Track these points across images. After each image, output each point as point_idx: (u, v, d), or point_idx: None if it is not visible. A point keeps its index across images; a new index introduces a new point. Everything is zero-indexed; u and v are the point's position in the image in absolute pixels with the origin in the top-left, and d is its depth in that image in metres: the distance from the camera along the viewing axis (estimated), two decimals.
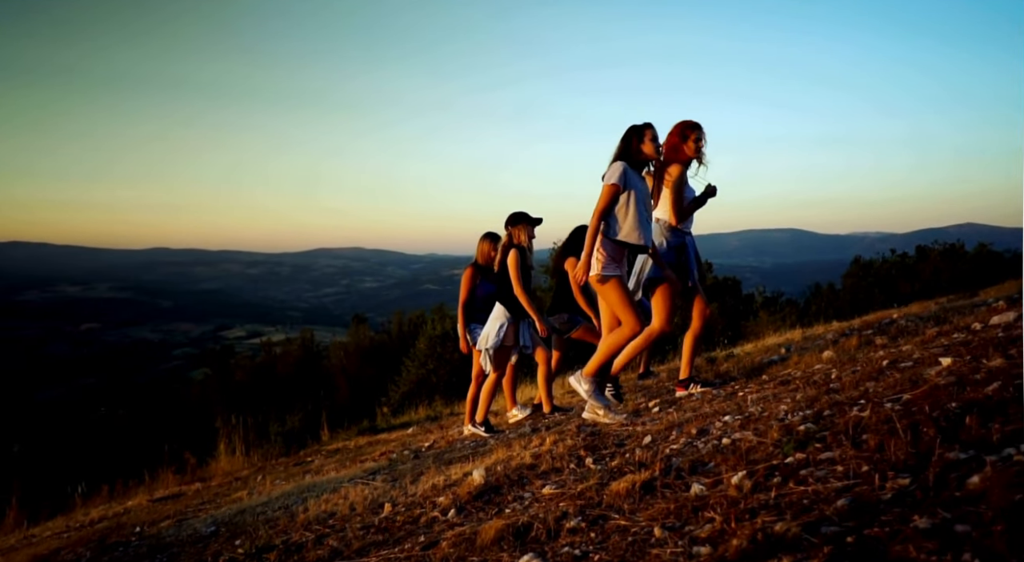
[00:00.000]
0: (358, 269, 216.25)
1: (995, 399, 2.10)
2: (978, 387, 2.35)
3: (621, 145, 4.00)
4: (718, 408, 3.39)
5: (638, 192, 3.91)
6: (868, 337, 4.77)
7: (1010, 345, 2.98)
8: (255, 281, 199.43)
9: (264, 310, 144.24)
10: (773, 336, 11.36)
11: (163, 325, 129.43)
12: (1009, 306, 4.51)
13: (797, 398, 3.09)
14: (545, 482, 2.57)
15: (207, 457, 10.12)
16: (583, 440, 3.24)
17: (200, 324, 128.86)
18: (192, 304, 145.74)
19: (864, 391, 2.84)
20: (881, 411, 2.34)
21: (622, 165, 3.90)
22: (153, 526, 3.85)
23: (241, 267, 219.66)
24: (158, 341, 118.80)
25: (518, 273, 4.93)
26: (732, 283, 31.34)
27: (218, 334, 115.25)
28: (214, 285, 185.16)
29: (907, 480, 1.64)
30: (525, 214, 5.21)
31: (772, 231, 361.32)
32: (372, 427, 11.82)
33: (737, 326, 22.99)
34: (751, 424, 2.76)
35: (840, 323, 8.05)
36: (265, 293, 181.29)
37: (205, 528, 3.28)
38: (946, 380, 2.59)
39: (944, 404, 2.22)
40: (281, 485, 4.68)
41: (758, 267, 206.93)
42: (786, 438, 2.29)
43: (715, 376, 4.75)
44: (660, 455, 2.55)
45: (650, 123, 4.04)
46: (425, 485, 3.04)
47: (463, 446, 4.64)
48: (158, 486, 8.39)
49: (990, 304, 4.80)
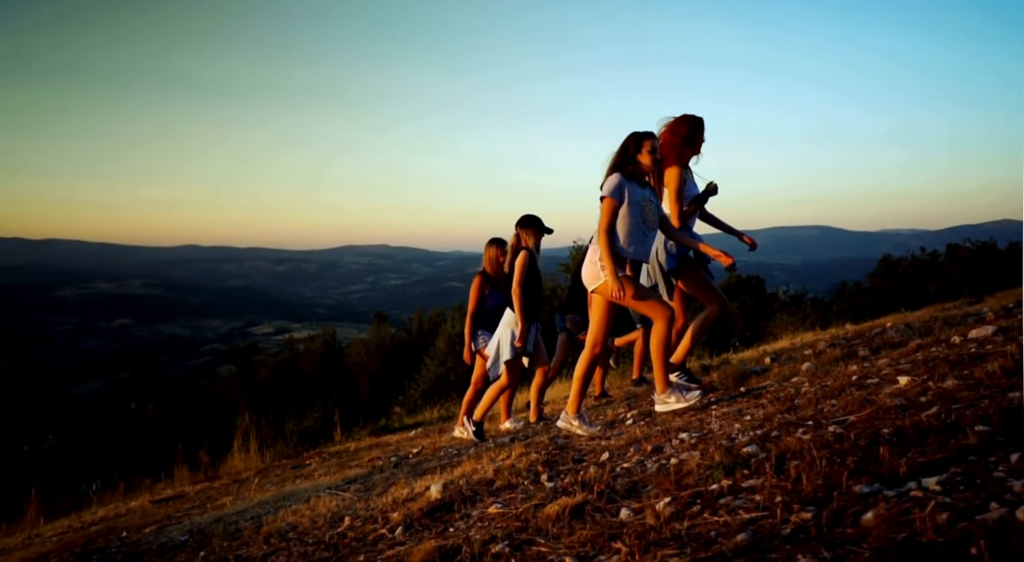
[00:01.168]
0: (384, 266, 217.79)
1: (925, 426, 2.10)
2: (918, 411, 2.35)
3: (618, 155, 3.90)
4: (684, 423, 3.41)
5: (634, 204, 3.83)
6: (853, 348, 4.73)
7: (972, 364, 2.96)
8: (283, 278, 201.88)
9: (291, 307, 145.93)
10: (785, 339, 11.28)
11: (193, 321, 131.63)
12: (996, 318, 4.45)
13: (757, 416, 3.10)
14: (496, 499, 2.62)
15: (225, 454, 10.31)
16: (546, 455, 3.28)
17: (229, 320, 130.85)
18: (221, 301, 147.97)
19: (819, 410, 2.85)
20: (820, 435, 2.35)
21: (618, 177, 3.82)
22: (138, 531, 3.97)
23: (269, 264, 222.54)
24: (188, 337, 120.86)
25: (522, 274, 4.95)
26: (755, 281, 31.02)
27: (246, 330, 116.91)
28: (243, 282, 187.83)
29: (810, 514, 1.66)
30: (538, 219, 5.21)
31: (801, 228, 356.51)
32: (385, 427, 11.95)
33: (756, 326, 22.78)
34: (703, 443, 2.78)
35: (838, 329, 7.98)
36: (292, 290, 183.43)
37: (180, 536, 3.38)
38: (894, 402, 2.59)
39: (879, 429, 2.22)
40: (270, 490, 4.78)
41: (786, 265, 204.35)
42: (727, 460, 2.31)
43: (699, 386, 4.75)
44: (607, 475, 2.59)
45: (651, 133, 3.94)
46: (387, 498, 3.10)
47: (444, 454, 4.70)
48: (172, 484, 8.59)
49: (983, 315, 4.73)
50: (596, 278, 3.80)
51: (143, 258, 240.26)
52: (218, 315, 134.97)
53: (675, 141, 4.24)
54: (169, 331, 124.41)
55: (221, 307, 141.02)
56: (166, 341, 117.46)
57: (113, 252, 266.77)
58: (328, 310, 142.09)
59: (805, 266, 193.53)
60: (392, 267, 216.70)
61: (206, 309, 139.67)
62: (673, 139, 4.24)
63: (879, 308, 18.47)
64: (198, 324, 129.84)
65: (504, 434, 5.08)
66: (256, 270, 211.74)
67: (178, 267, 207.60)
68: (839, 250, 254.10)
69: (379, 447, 7.14)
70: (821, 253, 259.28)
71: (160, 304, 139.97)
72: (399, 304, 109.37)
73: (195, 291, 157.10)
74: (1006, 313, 4.69)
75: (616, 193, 3.78)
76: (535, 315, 5.10)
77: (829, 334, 7.13)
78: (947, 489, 1.58)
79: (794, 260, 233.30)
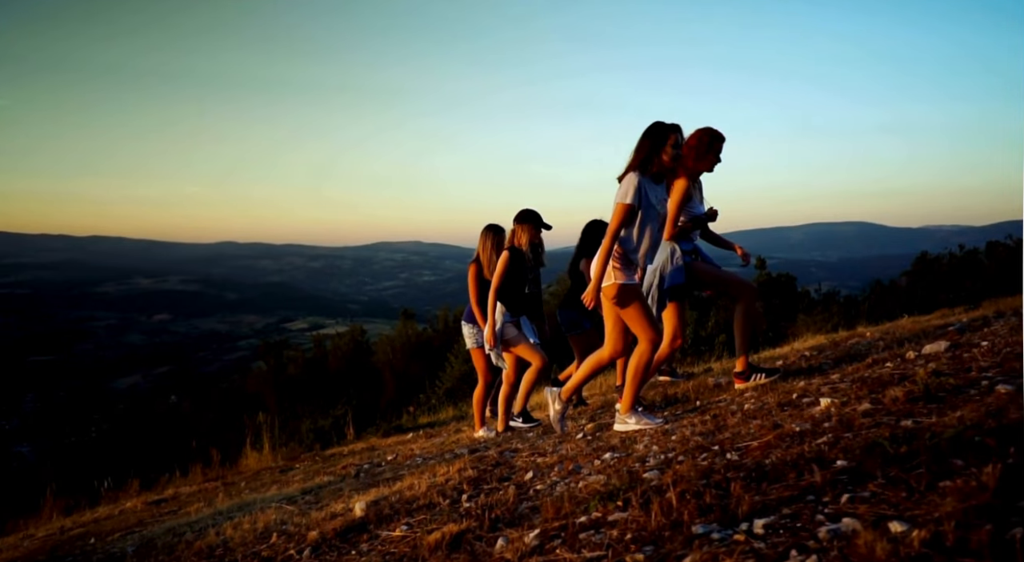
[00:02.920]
0: (417, 263, 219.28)
1: (799, 459, 2.11)
2: (810, 440, 2.36)
3: (638, 152, 3.69)
4: (619, 442, 3.43)
5: (651, 207, 3.65)
6: (820, 360, 4.69)
7: (890, 386, 2.93)
8: (317, 274, 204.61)
9: (325, 303, 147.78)
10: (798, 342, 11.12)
11: (229, 317, 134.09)
12: (958, 333, 4.36)
13: (685, 435, 3.12)
14: (408, 521, 2.68)
15: (244, 451, 10.50)
16: (480, 471, 3.34)
17: (264, 316, 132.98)
18: (257, 297, 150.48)
19: (736, 433, 2.87)
20: (712, 463, 2.37)
21: (636, 178, 3.62)
22: (105, 538, 4.14)
23: (304, 260, 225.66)
24: (225, 332, 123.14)
25: (501, 277, 4.95)
26: (785, 280, 30.53)
27: (281, 326, 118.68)
28: (278, 278, 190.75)
29: (643, 557, 1.69)
30: (537, 215, 5.14)
31: (838, 224, 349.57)
32: (398, 426, 12.08)
33: (778, 327, 22.45)
34: (617, 466, 2.81)
35: (829, 336, 7.85)
36: (327, 286, 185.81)
37: (129, 547, 3.52)
38: (799, 427, 2.60)
39: (762, 459, 2.24)
40: (235, 498, 4.91)
41: (823, 261, 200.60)
42: (616, 485, 2.34)
43: (663, 398, 4.75)
44: (514, 499, 2.64)
45: (676, 126, 3.70)
46: (322, 513, 3.19)
47: (411, 463, 4.78)
48: (187, 481, 8.76)
49: (955, 327, 4.64)
50: (606, 277, 3.66)
51: (181, 255, 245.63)
52: (254, 311, 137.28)
53: (688, 153, 4.08)
54: (207, 326, 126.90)
55: (257, 303, 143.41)
56: (203, 336, 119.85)
57: (153, 249, 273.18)
58: (362, 306, 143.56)
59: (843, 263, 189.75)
60: (425, 264, 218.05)
61: (242, 305, 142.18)
62: (686, 150, 4.08)
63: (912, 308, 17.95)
64: (234, 319, 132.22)
65: (477, 442, 5.14)
66: (291, 266, 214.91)
67: (215, 263, 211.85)
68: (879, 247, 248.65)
69: (370, 451, 7.25)
70: (860, 250, 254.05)
71: (198, 300, 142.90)
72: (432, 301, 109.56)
73: (232, 287, 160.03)
74: (969, 327, 4.60)
75: (635, 198, 3.59)
76: (520, 310, 5.13)
77: (811, 342, 7.02)
78: (768, 533, 1.61)
79: (831, 257, 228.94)
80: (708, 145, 4.07)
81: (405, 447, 6.65)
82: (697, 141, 4.07)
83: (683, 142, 3.80)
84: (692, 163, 4.09)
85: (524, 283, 5.18)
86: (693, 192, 4.17)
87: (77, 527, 5.34)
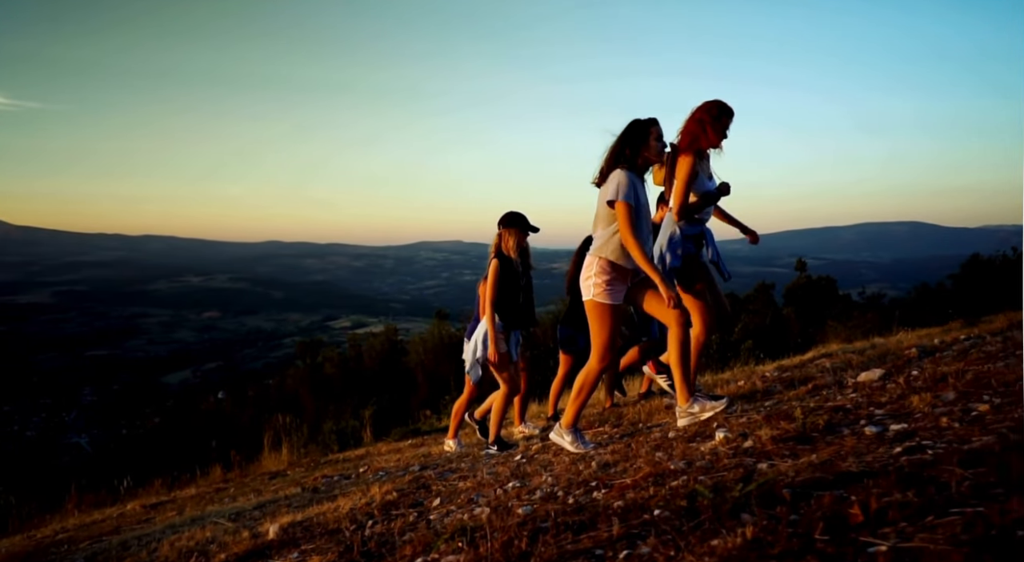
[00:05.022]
0: (458, 262, 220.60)
1: (634, 504, 2.16)
2: (669, 481, 2.41)
3: (618, 145, 3.57)
4: (536, 468, 3.50)
5: (643, 205, 3.56)
6: (772, 382, 4.66)
7: (779, 420, 2.93)
8: (360, 273, 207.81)
9: (368, 301, 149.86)
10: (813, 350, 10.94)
11: (275, 314, 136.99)
12: (887, 371, 4.23)
13: (590, 464, 3.17)
14: (306, 547, 2.82)
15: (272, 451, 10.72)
16: (398, 495, 3.45)
17: (308, 314, 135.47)
18: (302, 295, 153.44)
19: (627, 468, 2.91)
20: (566, 504, 2.44)
21: (627, 176, 3.50)
22: (74, 545, 4.40)
23: (347, 259, 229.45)
24: (271, 330, 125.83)
25: (494, 287, 4.74)
26: (826, 282, 29.87)
27: (325, 324, 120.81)
28: (322, 277, 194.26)
29: None
30: (523, 218, 4.90)
31: (891, 224, 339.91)
32: (415, 430, 12.26)
33: (807, 334, 22.00)
34: (504, 498, 2.89)
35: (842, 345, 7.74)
36: (369, 285, 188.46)
37: (80, 560, 3.74)
38: (676, 465, 2.64)
39: (609, 502, 2.30)
40: (205, 507, 5.13)
41: (875, 262, 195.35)
42: (471, 524, 2.41)
43: (616, 420, 4.79)
44: (398, 528, 2.74)
45: (654, 119, 3.60)
46: (246, 533, 3.34)
47: (374, 477, 4.91)
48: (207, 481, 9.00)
49: (910, 350, 4.57)
50: (585, 292, 3.60)
51: (229, 253, 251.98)
52: (299, 309, 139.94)
53: (691, 127, 3.92)
54: (253, 324, 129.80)
55: (302, 301, 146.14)
56: (250, 333, 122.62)
57: (202, 248, 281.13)
58: (404, 305, 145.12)
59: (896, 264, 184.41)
60: (466, 263, 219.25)
61: (288, 303, 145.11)
62: (690, 125, 3.93)
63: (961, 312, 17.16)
64: (280, 317, 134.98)
65: (434, 457, 5.25)
66: (335, 265, 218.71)
67: (261, 262, 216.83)
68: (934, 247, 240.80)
69: (360, 459, 7.43)
70: (914, 250, 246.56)
71: (245, 297, 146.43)
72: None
73: (277, 285, 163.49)
74: (934, 350, 4.51)
75: (631, 195, 3.48)
76: (515, 323, 4.91)
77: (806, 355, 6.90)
78: None
79: (884, 257, 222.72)
80: (716, 118, 3.87)
81: (382, 458, 6.82)
82: (705, 113, 3.88)
83: (663, 135, 3.65)
84: (694, 137, 3.89)
85: (517, 291, 4.90)
86: (700, 168, 3.98)
87: (66, 531, 5.62)
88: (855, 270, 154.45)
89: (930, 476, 1.71)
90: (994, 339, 4.51)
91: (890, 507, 1.52)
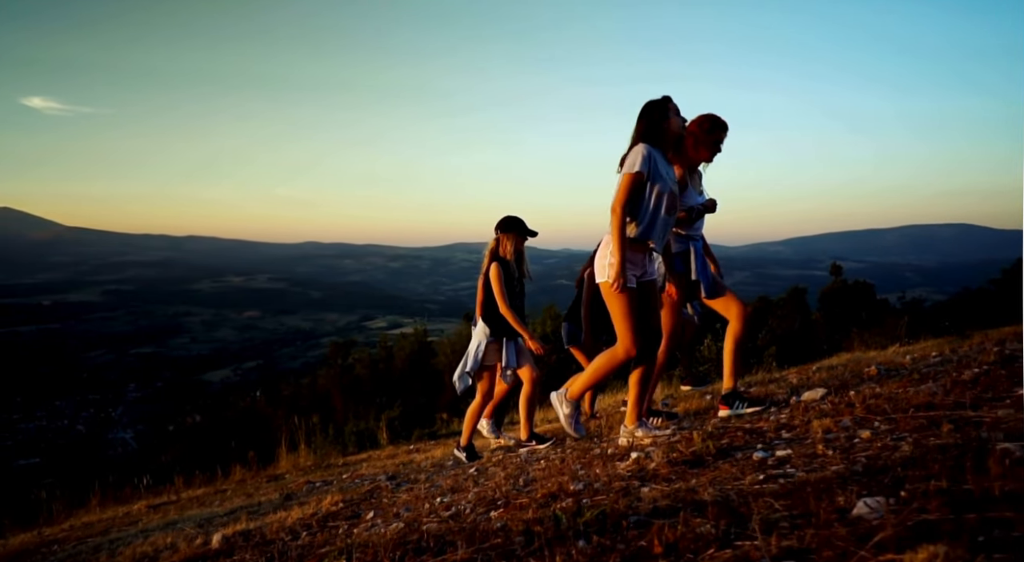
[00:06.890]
0: None
1: (510, 524, 2.29)
2: (560, 501, 2.52)
3: (641, 124, 3.48)
4: (470, 483, 3.63)
5: (662, 183, 3.39)
6: None
7: (688, 444, 3.02)
8: (397, 274, 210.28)
9: (404, 302, 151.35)
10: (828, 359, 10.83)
11: (313, 314, 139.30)
12: (829, 390, 4.17)
13: (519, 482, 3.30)
14: (239, 557, 2.99)
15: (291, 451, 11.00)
16: (342, 506, 3.62)
17: (345, 314, 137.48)
18: (339, 295, 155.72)
19: (546, 483, 3.02)
20: (468, 525, 2.57)
21: (645, 148, 3.37)
22: (62, 546, 4.66)
23: (384, 260, 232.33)
24: (309, 329, 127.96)
25: (501, 289, 4.70)
26: (862, 286, 29.28)
27: (361, 324, 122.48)
28: (359, 277, 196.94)
29: None
30: (520, 223, 4.87)
31: (937, 226, 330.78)
32: (432, 433, 12.46)
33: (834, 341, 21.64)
34: (432, 511, 3.03)
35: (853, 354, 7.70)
36: (406, 286, 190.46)
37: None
38: (575, 486, 2.75)
39: (494, 523, 2.43)
40: (199, 509, 5.37)
41: (920, 265, 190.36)
42: (353, 543, 2.54)
43: (596, 428, 4.86)
44: (322, 543, 2.90)
45: (669, 97, 3.54)
46: (199, 539, 3.55)
47: (348, 486, 5.10)
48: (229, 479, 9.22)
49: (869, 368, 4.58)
50: (599, 274, 3.44)
51: (269, 254, 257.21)
52: (336, 309, 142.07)
53: (687, 140, 3.84)
54: (292, 323, 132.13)
55: (339, 302, 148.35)
56: (289, 333, 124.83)
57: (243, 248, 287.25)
58: (439, 306, 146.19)
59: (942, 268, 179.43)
60: None
61: (325, 303, 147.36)
62: (687, 138, 3.84)
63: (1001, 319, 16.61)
64: (318, 317, 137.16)
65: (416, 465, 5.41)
66: (372, 266, 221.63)
67: (300, 262, 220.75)
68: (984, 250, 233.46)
69: (358, 464, 7.64)
70: (962, 253, 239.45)
71: (284, 297, 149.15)
72: None
73: (315, 286, 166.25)
74: (893, 368, 4.52)
75: (643, 165, 3.32)
76: (511, 331, 4.81)
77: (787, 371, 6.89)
78: None
79: (930, 261, 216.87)
80: (707, 132, 3.84)
81: (372, 464, 7.01)
82: (697, 128, 3.85)
83: (680, 110, 3.57)
84: (690, 151, 3.86)
85: (514, 297, 4.84)
86: (689, 181, 3.96)
87: (73, 530, 5.93)
88: (899, 274, 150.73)
89: (744, 507, 1.81)
90: (953, 356, 4.52)
91: (682, 539, 1.63)
